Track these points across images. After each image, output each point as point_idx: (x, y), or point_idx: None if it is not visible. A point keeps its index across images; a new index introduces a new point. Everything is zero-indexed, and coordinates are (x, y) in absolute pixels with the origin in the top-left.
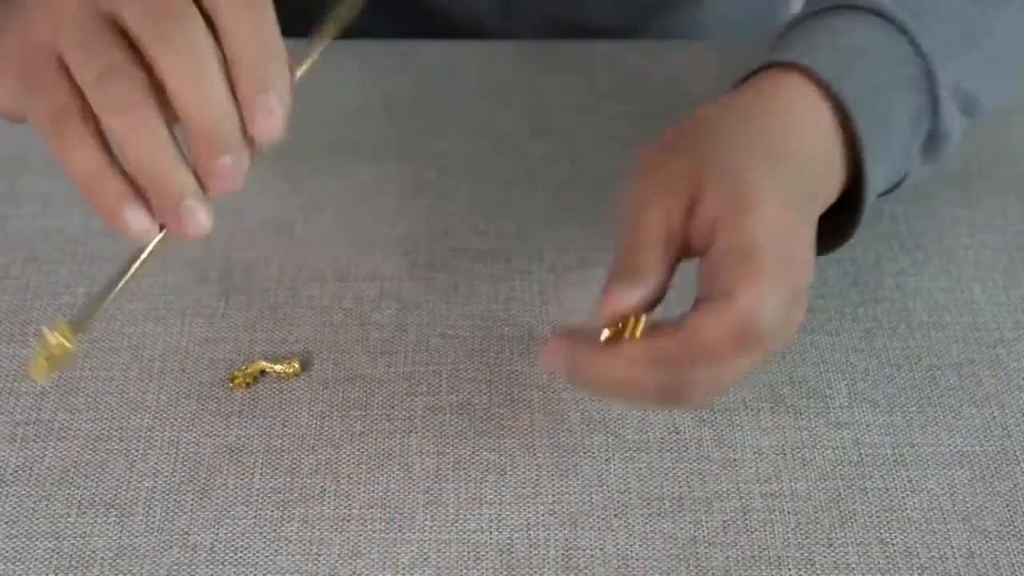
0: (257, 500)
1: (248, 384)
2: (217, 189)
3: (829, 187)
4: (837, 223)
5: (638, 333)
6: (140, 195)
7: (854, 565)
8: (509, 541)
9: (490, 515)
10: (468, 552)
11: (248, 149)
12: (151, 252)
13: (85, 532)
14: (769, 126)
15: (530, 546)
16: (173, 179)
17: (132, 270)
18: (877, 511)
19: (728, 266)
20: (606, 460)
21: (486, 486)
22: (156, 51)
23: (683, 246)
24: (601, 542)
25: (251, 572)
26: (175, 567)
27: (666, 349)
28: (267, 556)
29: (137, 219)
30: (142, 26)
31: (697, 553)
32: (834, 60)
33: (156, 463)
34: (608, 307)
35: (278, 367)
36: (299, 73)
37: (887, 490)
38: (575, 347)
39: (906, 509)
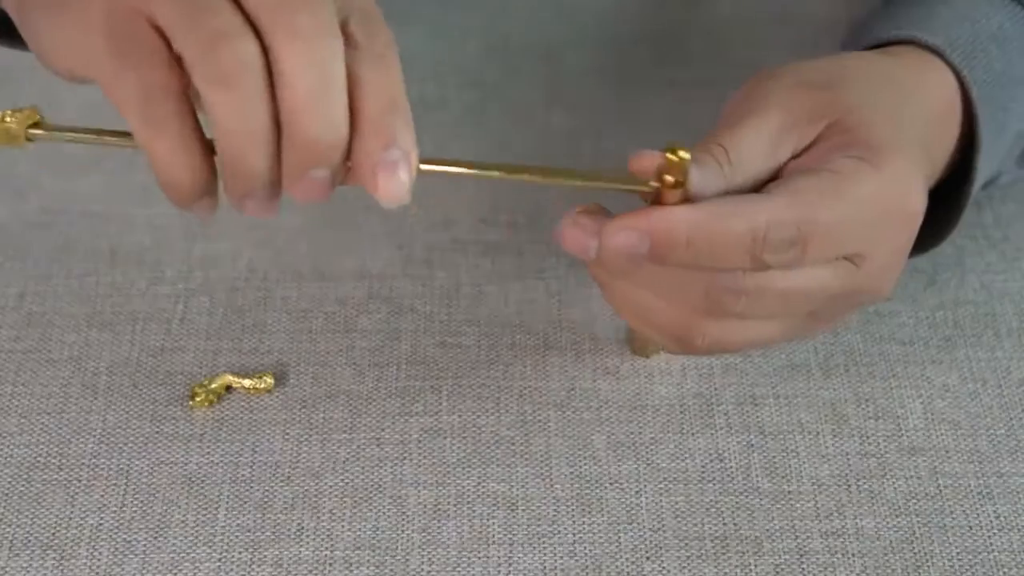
0: (222, 540)
1: (212, 402)
2: (300, 197)
3: (937, 174)
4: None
5: None
6: (214, 188)
7: None
8: None
9: (498, 558)
10: None
11: (343, 175)
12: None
13: None
14: (915, 105)
15: None
16: (257, 171)
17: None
18: (959, 552)
19: (852, 149)
20: (636, 492)
21: (494, 523)
22: (279, 37)
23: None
24: None
25: None
26: None
27: (731, 216)
28: None
29: (207, 211)
30: (267, 5)
31: None
32: (970, 45)
33: (102, 496)
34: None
35: (247, 382)
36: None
37: (970, 528)
38: (602, 220)
39: (993, 550)
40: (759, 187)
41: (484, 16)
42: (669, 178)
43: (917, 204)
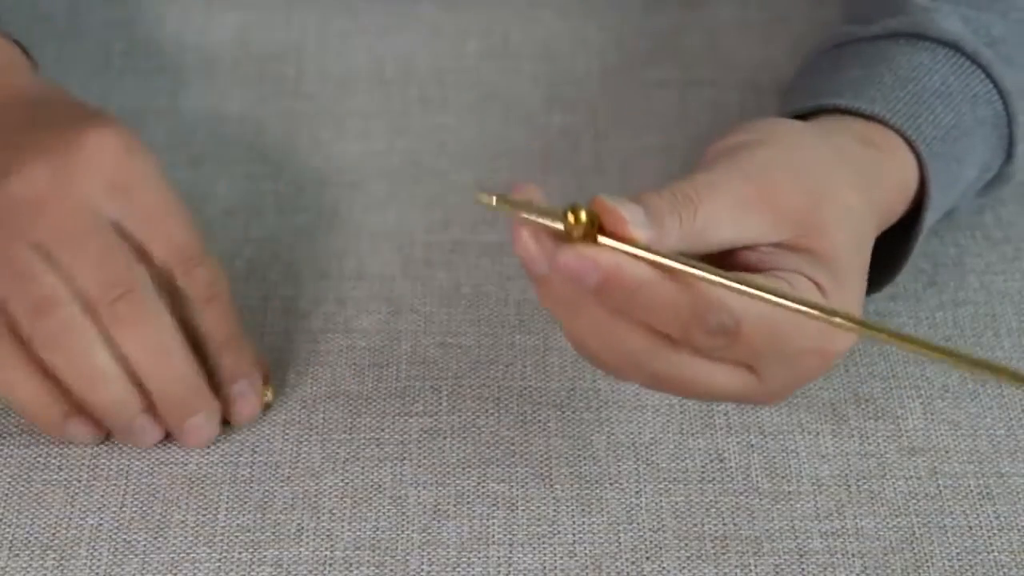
0: (222, 540)
1: None
2: (191, 444)
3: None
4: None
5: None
6: (79, 409)
7: None
8: None
9: (498, 558)
10: None
11: (217, 404)
12: None
13: None
14: (880, 193)
15: None
16: (119, 401)
17: None
18: (959, 552)
19: (813, 272)
20: (636, 492)
21: (494, 523)
22: (110, 324)
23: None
24: None
25: None
26: None
27: (683, 283)
28: None
29: (82, 432)
30: (95, 297)
31: None
32: (914, 105)
33: (102, 496)
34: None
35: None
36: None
37: (970, 528)
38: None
39: (992, 550)
40: (705, 258)
41: (484, 16)
42: (577, 233)
43: (842, 347)
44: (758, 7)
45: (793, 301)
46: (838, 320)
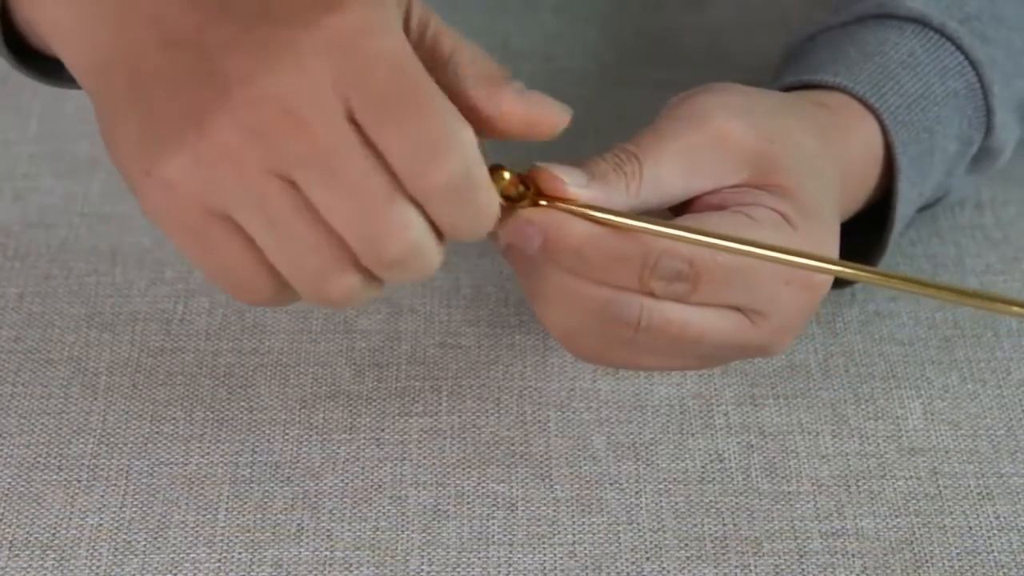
0: (222, 540)
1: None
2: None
3: (855, 206)
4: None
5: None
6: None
7: None
8: None
9: (498, 558)
10: None
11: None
12: None
13: None
14: (840, 161)
15: None
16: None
17: None
18: (958, 553)
19: (778, 203)
20: (636, 493)
21: (493, 524)
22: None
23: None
24: None
25: None
26: None
27: (626, 235)
28: None
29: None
30: (327, 203)
31: None
32: (878, 76)
33: (102, 496)
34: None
35: None
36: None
37: (970, 528)
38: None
39: (992, 551)
40: (669, 206)
41: (484, 16)
42: (504, 199)
43: (818, 277)
44: (758, 7)
45: (724, 239)
46: (779, 255)
